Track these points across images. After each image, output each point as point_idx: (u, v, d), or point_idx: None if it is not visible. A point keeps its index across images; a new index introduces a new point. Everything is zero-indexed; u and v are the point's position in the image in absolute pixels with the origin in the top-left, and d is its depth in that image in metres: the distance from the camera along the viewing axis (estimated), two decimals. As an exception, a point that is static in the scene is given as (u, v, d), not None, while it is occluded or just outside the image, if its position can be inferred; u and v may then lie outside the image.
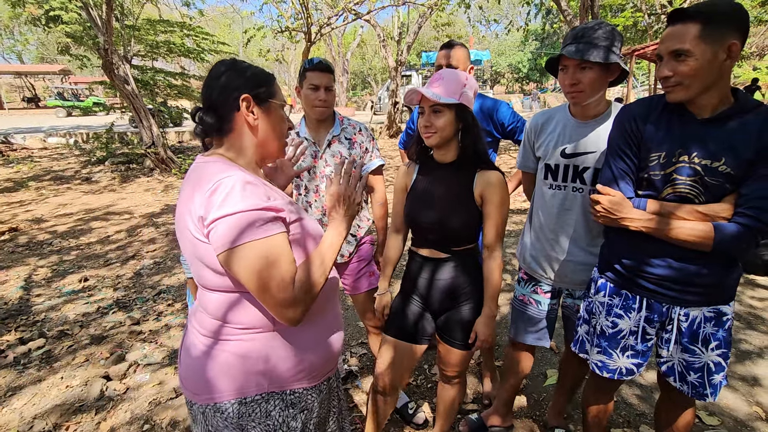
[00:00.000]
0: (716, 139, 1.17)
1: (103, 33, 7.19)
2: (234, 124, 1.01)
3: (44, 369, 2.58)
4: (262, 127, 1.03)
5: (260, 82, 1.02)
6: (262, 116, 1.02)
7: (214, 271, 0.95)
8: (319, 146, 1.93)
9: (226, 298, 0.98)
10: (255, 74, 1.02)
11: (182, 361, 1.06)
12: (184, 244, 0.98)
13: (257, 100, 1.01)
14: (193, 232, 0.92)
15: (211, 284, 0.98)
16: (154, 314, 3.25)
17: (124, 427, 2.12)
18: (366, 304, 2.08)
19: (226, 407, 0.98)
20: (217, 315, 0.99)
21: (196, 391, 1.00)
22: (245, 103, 0.99)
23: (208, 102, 1.01)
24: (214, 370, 0.97)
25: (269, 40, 17.15)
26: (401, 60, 13.11)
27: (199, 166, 0.99)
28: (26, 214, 6.08)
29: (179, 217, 0.98)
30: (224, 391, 0.97)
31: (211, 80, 1.01)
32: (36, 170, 9.09)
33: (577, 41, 1.44)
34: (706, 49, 1.10)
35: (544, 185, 1.68)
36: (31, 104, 29.89)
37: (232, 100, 0.99)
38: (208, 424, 1.00)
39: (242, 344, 0.98)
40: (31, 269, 4.13)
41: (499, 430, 2.02)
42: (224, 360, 0.97)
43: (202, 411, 1.00)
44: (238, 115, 1.00)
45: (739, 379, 2.38)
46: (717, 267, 1.25)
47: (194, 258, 0.97)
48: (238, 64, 1.02)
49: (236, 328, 0.98)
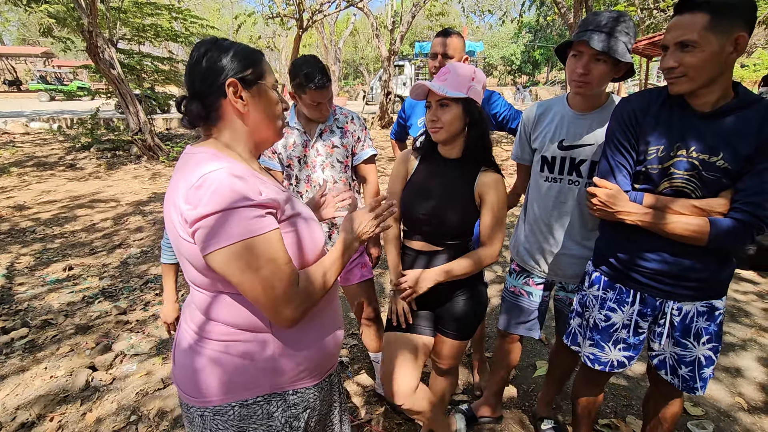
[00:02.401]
0: (715, 134, 1.17)
1: (87, 14, 6.95)
2: (222, 112, 0.92)
3: (27, 359, 2.52)
4: (253, 112, 0.94)
5: (246, 63, 0.92)
6: (251, 101, 0.93)
7: (201, 271, 0.89)
8: (310, 135, 1.89)
9: (217, 297, 0.92)
10: (240, 54, 0.92)
11: (176, 362, 0.99)
12: (173, 239, 0.92)
13: (244, 83, 0.91)
14: (178, 229, 0.86)
15: (200, 283, 0.92)
16: (141, 304, 3.19)
17: (110, 417, 2.08)
18: (357, 295, 2.06)
19: (225, 410, 0.93)
20: (210, 314, 0.93)
21: (192, 393, 0.95)
22: (232, 89, 0.90)
23: (191, 90, 0.92)
24: (211, 372, 0.92)
25: (260, 27, 16.84)
26: (394, 50, 12.97)
27: (187, 158, 0.91)
28: (8, 201, 5.92)
29: (166, 211, 0.91)
30: (224, 393, 0.92)
31: (192, 65, 0.92)
32: (18, 156, 8.84)
33: (599, 30, 1.37)
34: (714, 40, 1.08)
35: (539, 177, 1.67)
36: (13, 87, 28.99)
37: (217, 87, 0.90)
38: (206, 427, 0.95)
39: (240, 345, 0.93)
40: (13, 257, 4.03)
41: (489, 420, 2.03)
42: (221, 361, 0.92)
43: (200, 414, 0.95)
44: (226, 102, 0.91)
45: (723, 370, 2.44)
46: (711, 262, 1.26)
47: (182, 257, 0.91)
48: (219, 44, 0.92)
49: (232, 329, 0.93)
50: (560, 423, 2.02)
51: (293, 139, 1.89)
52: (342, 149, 1.91)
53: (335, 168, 1.91)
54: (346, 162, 1.94)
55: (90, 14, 6.95)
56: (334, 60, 20.94)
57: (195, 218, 0.81)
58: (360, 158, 1.97)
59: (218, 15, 32.82)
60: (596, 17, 1.40)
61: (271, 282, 0.85)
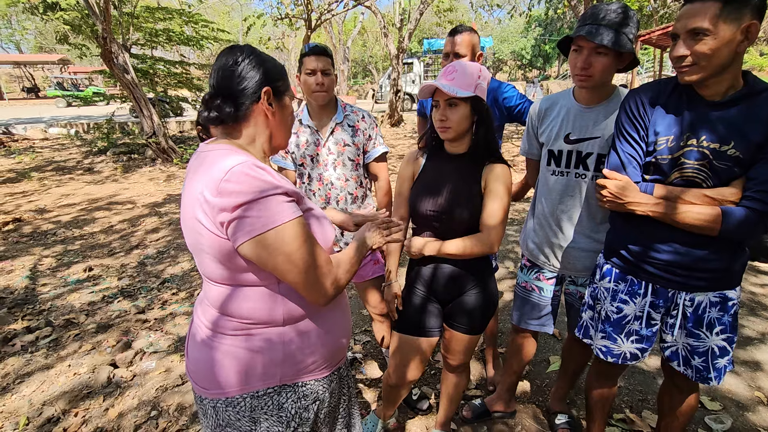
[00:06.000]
0: (725, 123, 1.16)
1: (101, 21, 7.10)
2: (250, 114, 0.99)
3: (51, 357, 2.60)
4: (277, 119, 1.03)
5: (278, 75, 1.02)
6: (278, 109, 1.02)
7: (224, 263, 0.92)
8: (321, 134, 1.91)
9: (233, 291, 0.95)
10: (274, 66, 1.02)
11: (190, 355, 1.04)
12: (190, 235, 0.95)
13: (275, 92, 1.00)
14: (205, 223, 0.88)
15: (218, 277, 0.95)
16: (159, 303, 3.27)
17: (132, 412, 2.15)
18: (370, 291, 2.09)
19: (237, 401, 0.97)
20: (224, 309, 0.97)
21: (205, 386, 0.99)
22: (266, 96, 0.98)
23: (226, 89, 0.97)
24: (224, 365, 0.96)
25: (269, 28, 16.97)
26: (402, 47, 12.95)
27: (205, 155, 0.95)
28: (29, 205, 6.10)
29: (185, 209, 0.94)
30: (235, 385, 0.96)
31: (228, 67, 0.97)
32: (38, 161, 9.08)
33: (597, 23, 1.38)
34: (726, 28, 1.07)
35: (547, 171, 1.67)
36: (31, 94, 29.76)
37: (252, 91, 0.97)
38: (219, 417, 0.99)
39: (251, 339, 0.96)
40: (36, 259, 4.15)
41: (503, 415, 2.04)
42: (234, 354, 0.96)
43: (213, 405, 0.99)
44: (256, 106, 0.98)
45: (742, 364, 2.40)
46: (723, 252, 1.24)
47: (199, 250, 0.94)
48: (256, 54, 1.00)
49: (244, 323, 0.96)
50: (574, 417, 2.02)
51: (305, 138, 1.92)
52: (353, 147, 1.93)
53: (346, 166, 1.94)
54: (357, 160, 1.96)
55: (104, 20, 7.10)
56: (343, 59, 21.00)
57: (230, 207, 0.83)
58: (371, 156, 1.98)
59: (228, 18, 33.15)
60: (595, 11, 1.41)
61: (310, 261, 0.90)
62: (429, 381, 2.34)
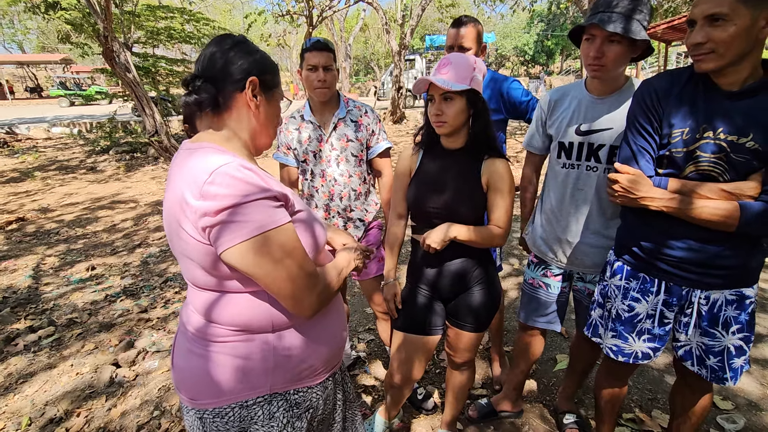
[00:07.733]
0: (744, 114, 1.11)
1: (102, 19, 7.08)
2: (232, 104, 0.92)
3: (54, 356, 2.59)
4: (261, 114, 0.96)
5: (268, 68, 0.96)
6: (263, 103, 0.96)
7: (208, 270, 0.86)
8: (324, 129, 1.88)
9: (219, 297, 0.90)
10: (264, 58, 0.96)
11: (175, 365, 0.97)
12: (174, 240, 0.89)
13: (262, 86, 0.95)
14: (186, 228, 0.82)
15: (203, 283, 0.90)
16: (162, 302, 3.25)
17: (134, 412, 2.13)
18: (374, 289, 2.06)
19: (226, 411, 0.91)
20: (210, 316, 0.91)
21: (192, 395, 0.93)
22: (251, 86, 0.92)
23: (209, 71, 0.91)
24: (210, 374, 0.90)
25: (270, 25, 16.93)
26: (404, 44, 12.86)
27: (187, 154, 0.88)
28: (33, 204, 6.10)
29: (168, 212, 0.88)
30: (223, 395, 0.91)
31: (215, 50, 0.92)
32: (41, 160, 9.10)
33: (611, 11, 1.34)
34: (746, 13, 1.02)
35: (557, 164, 1.63)
36: (34, 94, 29.85)
37: (237, 79, 0.91)
38: (206, 429, 0.93)
39: (240, 346, 0.91)
40: (39, 258, 4.15)
41: (509, 415, 2.00)
42: (221, 363, 0.90)
43: (199, 416, 0.93)
44: (240, 95, 0.92)
45: (754, 362, 2.35)
46: (740, 248, 1.20)
47: (183, 255, 0.89)
48: (247, 43, 0.95)
49: (231, 330, 0.91)
50: (583, 417, 1.98)
51: (308, 134, 1.89)
52: (356, 143, 1.90)
53: (350, 162, 1.90)
54: (360, 156, 1.92)
55: (105, 19, 7.07)
56: (345, 56, 20.94)
57: (212, 211, 0.78)
58: (375, 152, 1.95)
59: (229, 16, 33.11)
60: None
61: (295, 271, 0.85)
62: (435, 380, 2.31)
